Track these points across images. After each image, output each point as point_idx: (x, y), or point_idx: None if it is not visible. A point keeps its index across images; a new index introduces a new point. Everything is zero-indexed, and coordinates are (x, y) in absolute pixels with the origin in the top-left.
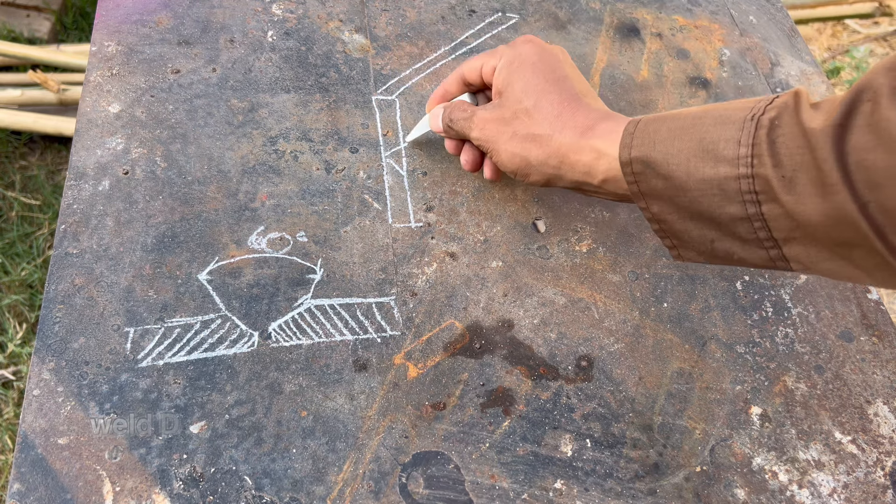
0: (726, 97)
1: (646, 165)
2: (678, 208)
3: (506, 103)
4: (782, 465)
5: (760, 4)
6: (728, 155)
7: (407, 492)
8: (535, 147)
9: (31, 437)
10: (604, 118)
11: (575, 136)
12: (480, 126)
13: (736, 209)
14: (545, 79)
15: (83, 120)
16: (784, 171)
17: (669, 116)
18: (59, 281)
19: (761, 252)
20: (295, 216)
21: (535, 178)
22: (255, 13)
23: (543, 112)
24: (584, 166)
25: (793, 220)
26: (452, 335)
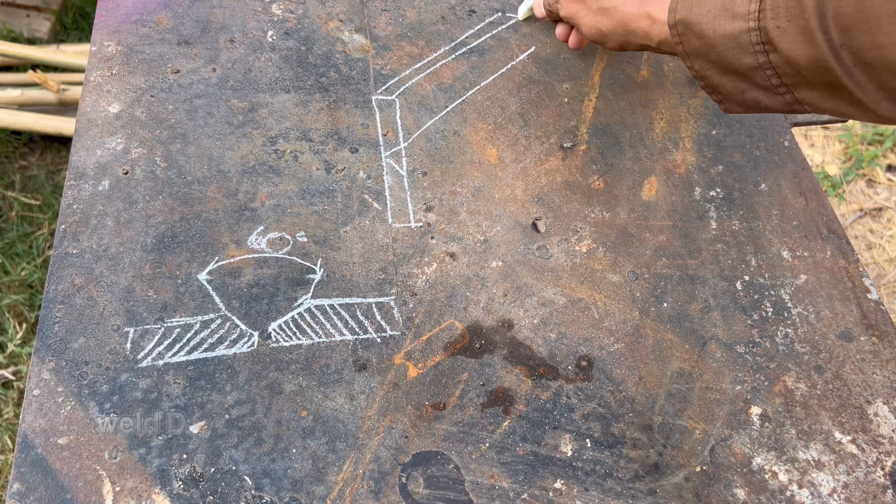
0: None
1: (686, 26)
2: (712, 63)
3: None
4: (782, 465)
5: None
6: (741, 11)
7: (407, 492)
8: (605, 19)
9: (31, 437)
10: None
11: (634, 6)
12: (565, 5)
13: (750, 59)
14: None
15: (83, 120)
16: (780, 22)
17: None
18: (59, 281)
19: (779, 97)
20: (295, 216)
21: (611, 45)
22: (255, 13)
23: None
24: (643, 32)
25: (791, 66)
26: (452, 335)
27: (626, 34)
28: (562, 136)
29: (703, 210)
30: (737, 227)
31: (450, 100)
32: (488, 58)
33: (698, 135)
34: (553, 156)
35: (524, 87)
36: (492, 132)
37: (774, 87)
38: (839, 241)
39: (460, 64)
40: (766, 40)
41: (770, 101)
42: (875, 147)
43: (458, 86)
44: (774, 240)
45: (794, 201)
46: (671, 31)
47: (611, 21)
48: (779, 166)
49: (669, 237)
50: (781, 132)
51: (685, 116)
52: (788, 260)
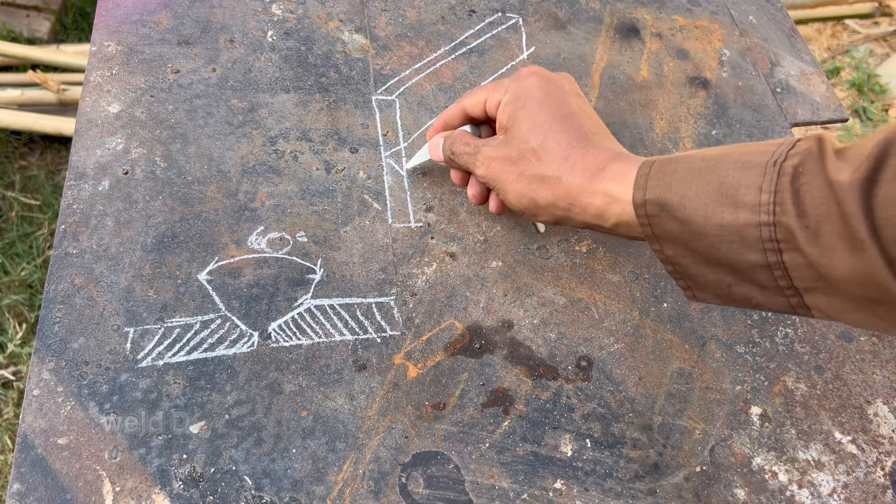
0: (726, 97)
1: (661, 208)
2: (694, 252)
3: (512, 142)
4: (782, 465)
5: (760, 4)
6: (749, 201)
7: (407, 492)
8: (543, 189)
9: (31, 437)
10: (615, 159)
11: (585, 179)
12: (486, 164)
13: (756, 257)
14: (552, 116)
15: (83, 120)
16: (808, 222)
17: (685, 157)
18: (58, 281)
19: (781, 299)
20: (295, 216)
21: (545, 219)
22: (255, 13)
23: (551, 153)
24: (595, 209)
25: (815, 271)
26: (452, 335)
27: (570, 209)
28: None
29: None
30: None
31: (450, 100)
32: (488, 58)
33: (698, 135)
34: None
35: None
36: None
37: (779, 289)
38: None
39: (460, 64)
40: (783, 238)
41: (765, 300)
42: None
43: (458, 86)
44: None
45: None
46: (637, 210)
47: (551, 192)
48: None
49: None
50: (781, 132)
51: (685, 116)
52: None
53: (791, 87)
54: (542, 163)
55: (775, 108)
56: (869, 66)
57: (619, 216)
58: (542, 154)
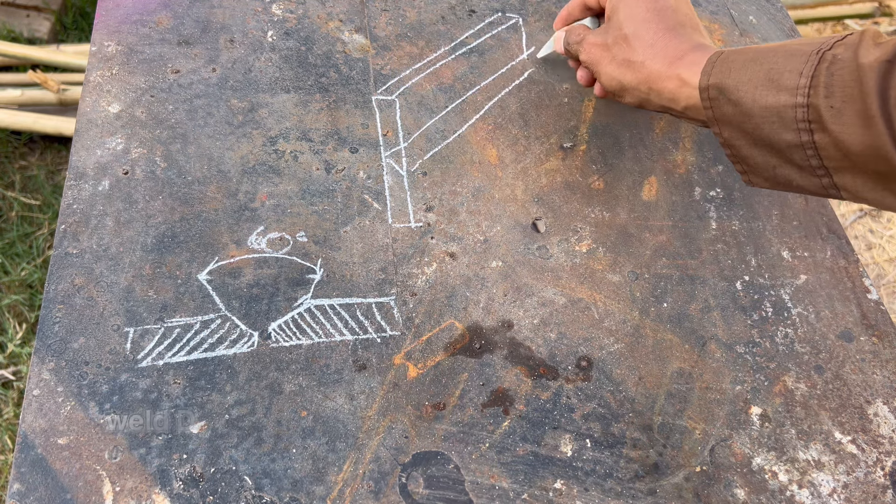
0: None
1: (720, 91)
2: (745, 134)
3: (610, 29)
4: (782, 465)
5: (760, 4)
6: (789, 84)
7: (407, 492)
8: (629, 72)
9: (31, 437)
10: (694, 49)
11: (664, 65)
12: (588, 49)
13: (791, 136)
14: (647, 8)
15: (83, 120)
16: (833, 102)
17: (750, 49)
18: (59, 281)
19: (815, 180)
20: (295, 216)
21: (629, 100)
22: (255, 13)
23: (640, 40)
24: (669, 93)
25: (839, 150)
26: (452, 335)
27: (650, 92)
28: (562, 136)
29: (703, 210)
30: (737, 227)
31: (450, 100)
32: (488, 58)
33: (698, 135)
34: (553, 156)
35: (524, 87)
36: (492, 132)
37: (812, 169)
38: (839, 241)
39: (460, 64)
40: (813, 118)
41: (803, 181)
42: None
43: (458, 86)
44: (774, 240)
45: (794, 201)
46: (702, 94)
47: (635, 76)
48: None
49: (669, 237)
50: None
51: None
52: (788, 260)
53: None
54: (632, 48)
55: None
56: None
57: (688, 100)
58: (633, 40)
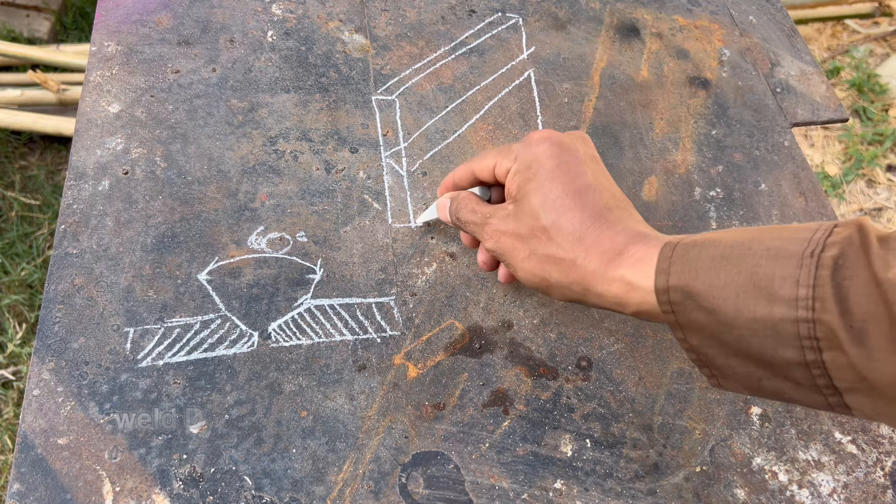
0: (726, 97)
1: (686, 296)
2: (722, 344)
3: (522, 217)
4: (782, 465)
5: (760, 4)
6: (785, 295)
7: (407, 492)
8: (555, 270)
9: (30, 437)
10: (633, 240)
11: (601, 264)
12: (495, 238)
13: (792, 354)
14: (564, 191)
15: (83, 120)
16: (853, 321)
17: (711, 241)
18: (58, 281)
19: (818, 397)
20: (295, 216)
21: (558, 298)
22: (255, 13)
23: (564, 233)
24: (613, 297)
25: (859, 373)
26: (452, 335)
27: (586, 294)
28: None
29: (703, 210)
30: (737, 227)
31: (450, 100)
32: (488, 58)
33: (698, 135)
34: None
35: (524, 87)
36: (492, 132)
37: (817, 388)
38: None
39: (460, 64)
40: (823, 336)
41: (800, 396)
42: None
43: (458, 86)
44: None
45: (794, 201)
46: (660, 297)
47: (565, 276)
48: (779, 166)
49: None
50: (781, 132)
51: (685, 116)
52: None
53: (791, 86)
54: (554, 243)
55: (775, 108)
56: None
57: (640, 304)
58: (554, 233)
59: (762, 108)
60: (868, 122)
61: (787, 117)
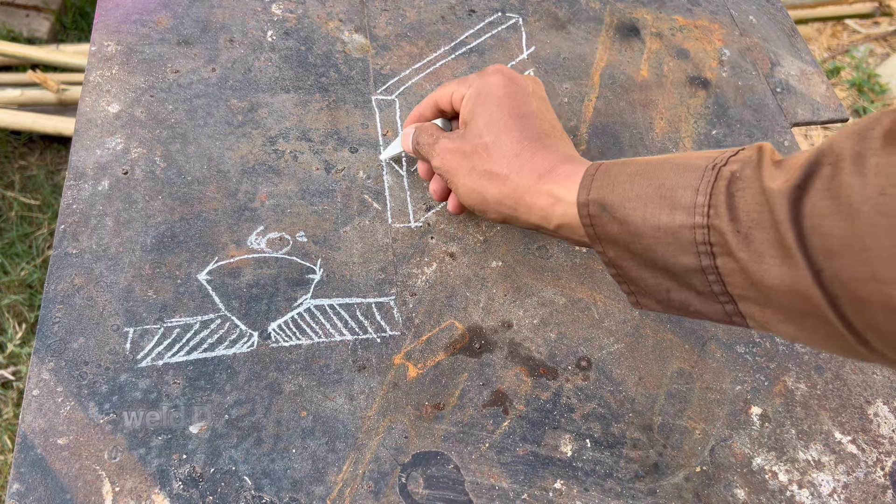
0: (726, 97)
1: (602, 208)
2: (633, 254)
3: (468, 136)
4: (782, 465)
5: (760, 4)
6: (685, 202)
7: (407, 492)
8: (491, 185)
9: (30, 437)
10: (563, 161)
11: (532, 179)
12: (441, 155)
13: (690, 260)
14: (508, 114)
15: (83, 120)
16: (740, 226)
17: (633, 161)
18: (58, 281)
19: (717, 306)
20: (294, 216)
21: (492, 216)
22: (255, 13)
23: (502, 150)
24: (539, 210)
25: (747, 278)
26: (452, 335)
27: (517, 208)
28: None
29: None
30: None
31: None
32: (488, 58)
33: (698, 135)
34: None
35: None
36: None
37: (714, 295)
38: None
39: (460, 64)
40: (716, 241)
41: (702, 306)
42: None
43: None
44: None
45: None
46: (580, 210)
47: (499, 189)
48: None
49: None
50: (781, 132)
51: (685, 116)
52: None
53: (791, 86)
54: (493, 159)
55: (775, 107)
56: (869, 66)
57: (562, 217)
58: (494, 150)
59: (762, 108)
60: None
61: (787, 117)
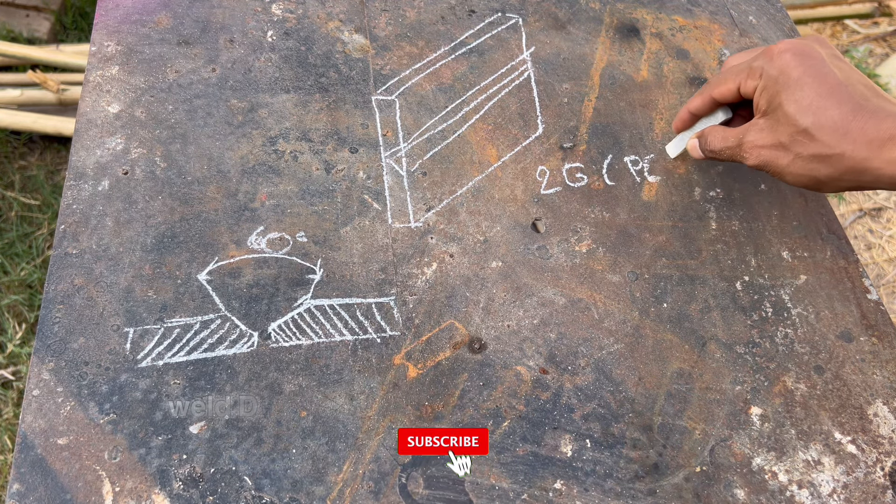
0: None
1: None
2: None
3: (778, 126)
4: (782, 465)
5: (760, 4)
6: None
7: (407, 492)
8: (824, 167)
9: (30, 437)
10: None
11: (872, 150)
12: (755, 153)
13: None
14: (817, 93)
15: (83, 120)
16: None
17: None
18: (58, 281)
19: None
20: (295, 216)
21: (830, 191)
22: (255, 13)
23: (825, 130)
24: (889, 178)
25: None
26: (452, 335)
27: (861, 178)
28: (562, 136)
29: (703, 210)
30: (737, 228)
31: (450, 100)
32: (488, 58)
33: None
34: (553, 156)
35: (524, 87)
36: (492, 132)
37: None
38: (839, 241)
39: (460, 64)
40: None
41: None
42: None
43: (458, 86)
44: (774, 240)
45: (793, 201)
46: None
47: (834, 169)
48: None
49: (669, 237)
50: None
51: None
52: (788, 260)
53: None
54: (819, 142)
55: None
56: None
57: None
58: (817, 133)
59: None
60: None
61: None
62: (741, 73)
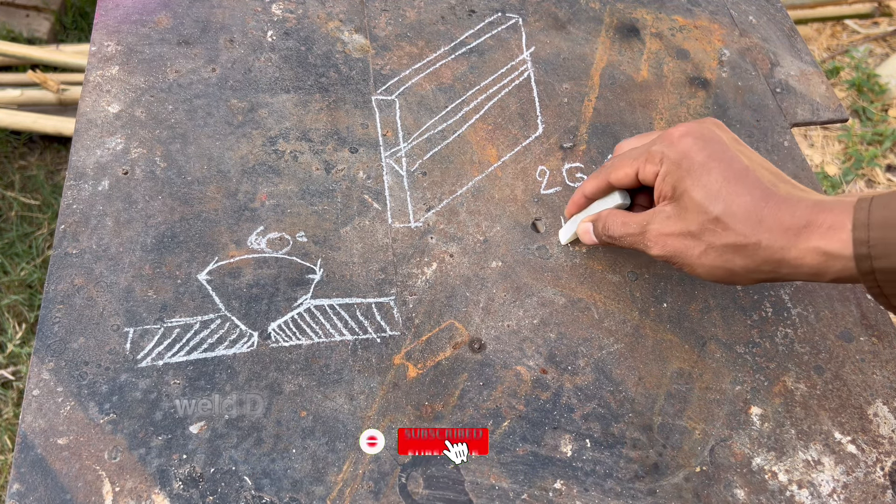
0: (726, 97)
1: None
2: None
3: (686, 214)
4: (782, 465)
5: (760, 4)
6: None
7: (407, 492)
8: (739, 258)
9: (30, 437)
10: (814, 209)
11: (788, 239)
12: (661, 243)
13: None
14: (725, 178)
15: (83, 120)
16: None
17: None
18: (58, 281)
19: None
20: (294, 216)
21: (743, 283)
22: (255, 13)
23: (738, 218)
24: (809, 268)
25: None
26: (452, 335)
27: (778, 270)
28: (562, 136)
29: None
30: None
31: (450, 100)
32: (488, 58)
33: None
34: (553, 156)
35: (524, 87)
36: (492, 132)
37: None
38: None
39: (460, 64)
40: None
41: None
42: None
43: (458, 86)
44: None
45: None
46: (864, 277)
47: (750, 260)
48: (778, 166)
49: None
50: (781, 132)
51: (685, 116)
52: None
53: (791, 87)
54: (732, 231)
55: (775, 108)
56: (868, 66)
57: (840, 273)
58: (729, 221)
59: (762, 108)
60: (868, 123)
61: (786, 117)
62: (639, 157)
